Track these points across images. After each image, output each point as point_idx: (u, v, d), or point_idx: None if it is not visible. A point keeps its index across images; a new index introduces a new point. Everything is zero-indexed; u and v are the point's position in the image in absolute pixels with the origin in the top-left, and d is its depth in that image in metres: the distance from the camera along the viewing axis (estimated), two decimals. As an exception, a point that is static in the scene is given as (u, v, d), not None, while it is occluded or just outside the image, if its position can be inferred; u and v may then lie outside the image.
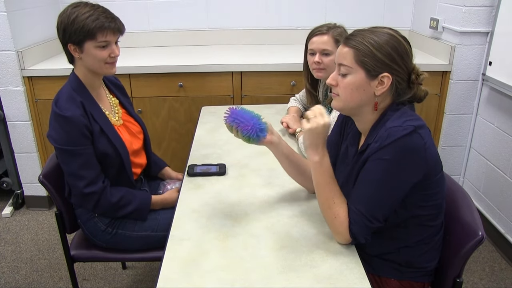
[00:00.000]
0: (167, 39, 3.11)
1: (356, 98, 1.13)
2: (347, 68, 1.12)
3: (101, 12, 1.42)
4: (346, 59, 1.12)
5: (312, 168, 1.19)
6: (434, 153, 1.10)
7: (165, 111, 2.65)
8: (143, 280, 2.18)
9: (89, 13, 1.39)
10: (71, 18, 1.39)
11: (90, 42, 1.41)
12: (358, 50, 1.09)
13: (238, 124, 1.24)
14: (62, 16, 1.41)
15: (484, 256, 2.32)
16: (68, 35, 1.40)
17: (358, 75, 1.11)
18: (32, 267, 2.26)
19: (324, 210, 1.18)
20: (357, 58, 1.10)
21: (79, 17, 1.38)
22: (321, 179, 1.18)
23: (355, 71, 1.11)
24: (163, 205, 1.63)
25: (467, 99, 2.55)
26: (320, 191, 1.18)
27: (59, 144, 1.43)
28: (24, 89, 2.52)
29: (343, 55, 1.12)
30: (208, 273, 1.06)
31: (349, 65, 1.11)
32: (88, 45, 1.42)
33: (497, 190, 2.35)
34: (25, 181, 2.76)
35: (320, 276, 1.04)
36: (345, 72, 1.12)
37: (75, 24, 1.38)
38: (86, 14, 1.39)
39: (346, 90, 1.13)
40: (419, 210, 1.15)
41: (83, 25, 1.38)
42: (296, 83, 2.58)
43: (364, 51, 1.09)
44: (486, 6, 2.34)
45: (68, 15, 1.39)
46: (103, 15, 1.41)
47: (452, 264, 1.19)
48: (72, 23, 1.38)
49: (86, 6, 1.41)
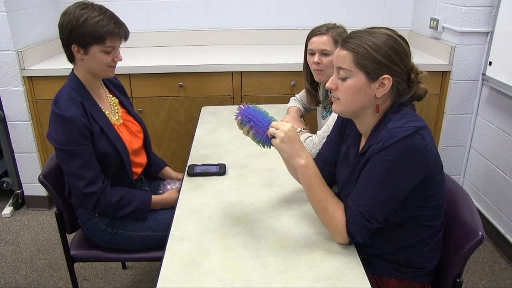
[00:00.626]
0: (167, 39, 3.11)
1: (357, 102, 1.13)
2: (346, 71, 1.11)
3: (110, 18, 1.42)
4: (345, 62, 1.11)
5: (300, 173, 1.18)
6: (435, 154, 1.10)
7: (165, 111, 2.66)
8: (143, 280, 2.18)
9: (99, 17, 1.39)
10: (80, 20, 1.38)
11: (97, 46, 1.42)
12: (357, 53, 1.08)
13: (252, 126, 1.20)
14: (69, 16, 1.40)
15: (484, 256, 2.32)
16: (75, 36, 1.40)
17: (358, 78, 1.10)
18: (32, 267, 2.26)
19: (319, 212, 1.18)
20: (356, 61, 1.09)
21: (89, 20, 1.38)
22: (311, 181, 1.18)
23: (355, 75, 1.10)
24: (163, 205, 1.63)
25: (467, 99, 2.55)
26: (312, 193, 1.18)
27: (59, 144, 1.43)
28: (24, 89, 2.52)
29: (342, 58, 1.11)
30: (208, 273, 1.06)
31: (348, 69, 1.10)
32: (94, 49, 1.42)
33: (497, 190, 2.35)
34: (25, 181, 2.76)
35: (320, 276, 1.04)
36: (345, 76, 1.11)
37: (85, 27, 1.38)
38: (96, 18, 1.39)
39: (346, 94, 1.12)
40: (419, 210, 1.15)
41: (93, 29, 1.38)
42: (296, 83, 2.58)
43: (363, 53, 1.08)
44: (486, 6, 2.34)
45: (77, 17, 1.38)
46: (112, 20, 1.42)
47: (452, 264, 1.19)
48: (82, 25, 1.38)
49: (94, 10, 1.41)
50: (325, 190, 1.17)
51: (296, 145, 1.17)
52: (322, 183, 1.18)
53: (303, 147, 1.19)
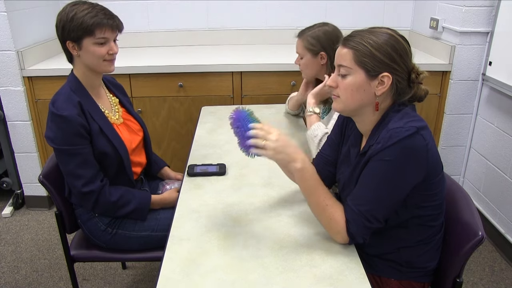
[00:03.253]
0: (167, 39, 3.11)
1: (357, 99, 1.13)
2: (346, 69, 1.12)
3: (100, 10, 1.43)
4: (345, 60, 1.11)
5: (297, 177, 1.18)
6: (436, 154, 1.10)
7: (165, 111, 2.65)
8: (143, 280, 2.18)
9: (87, 10, 1.41)
10: (69, 15, 1.40)
11: (89, 39, 1.42)
12: (357, 51, 1.09)
13: (237, 133, 1.20)
14: (61, 14, 1.43)
15: (484, 256, 2.32)
16: (67, 32, 1.41)
17: (358, 75, 1.11)
18: (32, 267, 2.26)
19: (319, 214, 1.18)
20: (357, 59, 1.10)
21: (78, 14, 1.40)
22: (309, 184, 1.17)
23: (355, 72, 1.11)
24: (162, 204, 1.63)
25: (467, 99, 2.55)
26: (311, 196, 1.18)
27: (56, 144, 1.43)
28: (24, 89, 2.52)
29: (343, 56, 1.12)
30: (208, 273, 1.06)
31: (348, 66, 1.11)
32: (86, 42, 1.43)
33: (497, 190, 2.35)
34: (25, 181, 2.76)
35: (320, 276, 1.04)
36: (345, 73, 1.12)
37: (74, 21, 1.39)
38: (84, 11, 1.40)
39: (346, 91, 1.13)
40: (419, 210, 1.15)
41: (81, 21, 1.39)
42: (296, 83, 2.58)
43: (363, 51, 1.09)
44: (486, 6, 2.34)
45: (67, 13, 1.41)
46: (101, 12, 1.43)
47: (452, 264, 1.19)
48: (71, 20, 1.40)
49: (84, 4, 1.43)
50: (323, 191, 1.17)
51: (290, 151, 1.16)
52: (320, 185, 1.18)
53: (297, 150, 1.17)
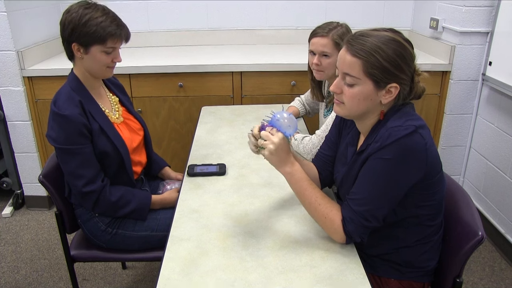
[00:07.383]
0: (167, 39, 3.11)
1: (362, 107, 1.12)
2: (354, 79, 1.09)
3: (113, 20, 1.43)
4: (353, 69, 1.08)
5: (287, 180, 1.20)
6: (435, 153, 1.10)
7: (165, 111, 2.66)
8: (143, 280, 2.18)
9: (101, 18, 1.40)
10: (83, 20, 1.38)
11: (98, 47, 1.42)
12: (366, 62, 1.06)
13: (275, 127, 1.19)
14: (72, 15, 1.40)
15: (484, 256, 2.32)
16: (77, 35, 1.40)
17: (366, 86, 1.09)
18: (32, 267, 2.26)
19: (313, 214, 1.18)
20: (366, 70, 1.07)
21: (91, 20, 1.38)
22: (299, 186, 1.18)
23: (363, 82, 1.08)
24: (162, 204, 1.63)
25: (467, 99, 2.55)
26: (302, 197, 1.18)
27: (57, 143, 1.43)
28: (24, 89, 2.52)
29: (350, 64, 1.08)
30: (208, 273, 1.06)
31: (357, 76, 1.08)
32: (94, 49, 1.43)
33: (497, 190, 2.35)
34: (25, 181, 2.76)
35: (320, 276, 1.04)
36: (352, 83, 1.09)
37: (87, 27, 1.38)
38: (99, 19, 1.39)
39: (353, 100, 1.11)
40: (418, 209, 1.15)
41: (95, 30, 1.39)
42: (296, 83, 2.58)
43: (372, 62, 1.06)
44: (486, 6, 2.34)
45: (80, 16, 1.39)
46: (114, 22, 1.43)
47: (452, 264, 1.19)
48: (84, 25, 1.38)
49: (98, 10, 1.41)
50: (315, 192, 1.17)
51: (283, 155, 1.17)
52: (311, 186, 1.18)
53: (290, 156, 1.18)
